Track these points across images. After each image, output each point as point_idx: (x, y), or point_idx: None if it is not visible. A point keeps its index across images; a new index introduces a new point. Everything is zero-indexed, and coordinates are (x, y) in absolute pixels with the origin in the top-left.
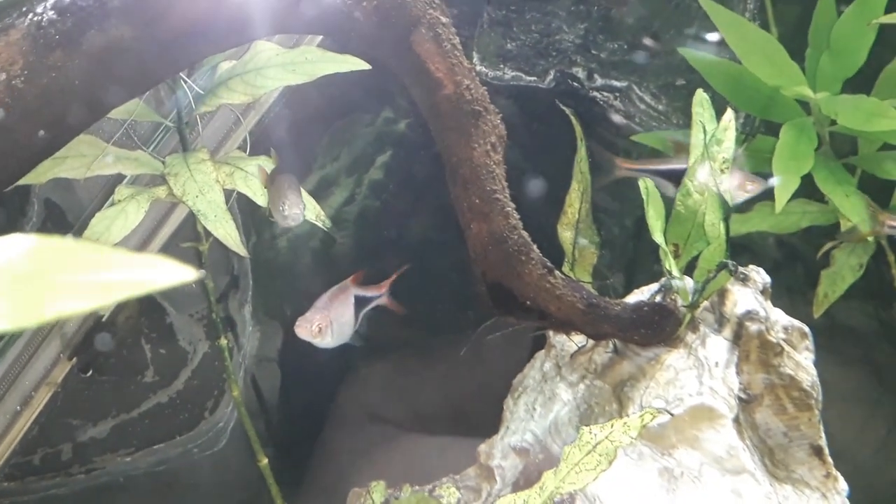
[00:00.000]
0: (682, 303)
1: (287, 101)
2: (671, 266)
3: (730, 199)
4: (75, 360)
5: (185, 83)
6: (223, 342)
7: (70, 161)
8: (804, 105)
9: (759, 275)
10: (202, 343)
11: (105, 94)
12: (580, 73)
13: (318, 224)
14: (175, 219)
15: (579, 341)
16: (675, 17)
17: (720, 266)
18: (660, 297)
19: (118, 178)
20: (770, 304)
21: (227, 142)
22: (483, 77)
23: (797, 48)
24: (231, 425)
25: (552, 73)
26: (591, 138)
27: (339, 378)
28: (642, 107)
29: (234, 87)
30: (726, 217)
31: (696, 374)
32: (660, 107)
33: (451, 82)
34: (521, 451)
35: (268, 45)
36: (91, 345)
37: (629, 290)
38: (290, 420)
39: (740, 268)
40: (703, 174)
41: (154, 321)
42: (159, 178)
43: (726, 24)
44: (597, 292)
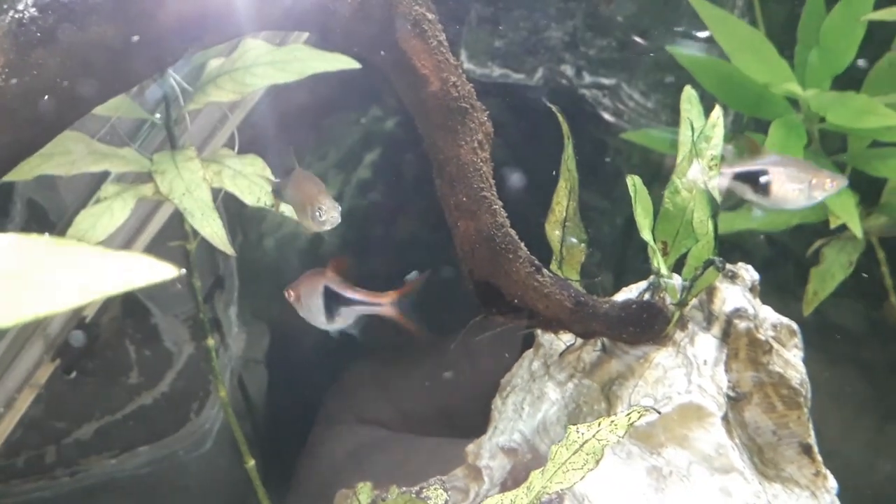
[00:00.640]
0: (670, 301)
1: (274, 99)
2: (659, 264)
3: (807, 200)
4: (59, 361)
5: (175, 80)
6: (210, 343)
7: (57, 158)
8: (793, 102)
9: (748, 272)
10: (187, 344)
11: (87, 91)
12: (569, 70)
13: None
14: (160, 217)
15: (567, 340)
16: (663, 14)
17: (707, 263)
18: (648, 295)
19: (101, 178)
20: (759, 302)
21: (214, 139)
22: (471, 74)
23: (786, 45)
24: (217, 427)
25: (540, 70)
26: (580, 136)
27: (327, 379)
28: (631, 104)
29: (223, 85)
30: (714, 214)
31: (685, 373)
32: (649, 104)
33: (438, 79)
34: (510, 451)
35: (256, 42)
36: (74, 346)
37: (618, 288)
38: (278, 421)
39: (729, 265)
40: (692, 171)
41: (138, 322)
42: (144, 176)
43: (715, 21)
44: (585, 290)
